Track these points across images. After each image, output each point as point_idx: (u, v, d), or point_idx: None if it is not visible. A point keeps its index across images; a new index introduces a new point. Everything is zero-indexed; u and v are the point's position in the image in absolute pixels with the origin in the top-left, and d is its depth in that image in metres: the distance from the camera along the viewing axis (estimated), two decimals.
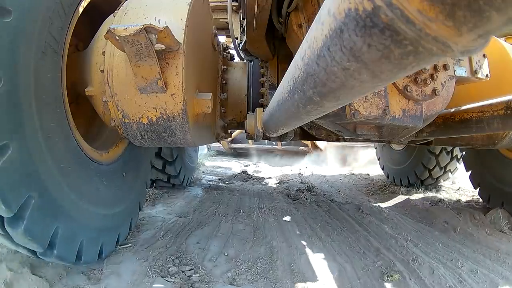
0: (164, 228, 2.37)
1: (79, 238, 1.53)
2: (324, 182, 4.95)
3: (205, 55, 1.98)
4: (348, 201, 3.62)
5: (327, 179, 5.29)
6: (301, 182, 4.66)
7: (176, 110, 1.51)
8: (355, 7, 0.33)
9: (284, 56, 2.53)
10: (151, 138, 1.66)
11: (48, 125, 1.32)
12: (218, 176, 5.20)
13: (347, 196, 3.95)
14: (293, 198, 3.62)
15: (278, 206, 3.22)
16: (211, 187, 4.16)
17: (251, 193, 3.90)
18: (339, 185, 4.76)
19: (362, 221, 2.78)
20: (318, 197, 3.70)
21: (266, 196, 3.75)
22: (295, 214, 2.97)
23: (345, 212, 3.06)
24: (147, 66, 1.37)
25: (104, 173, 1.77)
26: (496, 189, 2.85)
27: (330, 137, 2.41)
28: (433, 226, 2.69)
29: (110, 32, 1.19)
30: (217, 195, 3.67)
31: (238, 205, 3.22)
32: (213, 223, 2.59)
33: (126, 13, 1.57)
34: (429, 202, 3.42)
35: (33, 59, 1.23)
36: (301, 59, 0.55)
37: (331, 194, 3.93)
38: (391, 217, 2.86)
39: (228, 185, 4.44)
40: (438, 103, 1.70)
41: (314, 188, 4.11)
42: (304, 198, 3.53)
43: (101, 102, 1.63)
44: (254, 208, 3.09)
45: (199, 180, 4.66)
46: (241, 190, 4.03)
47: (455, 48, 0.31)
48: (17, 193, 1.18)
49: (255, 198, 3.57)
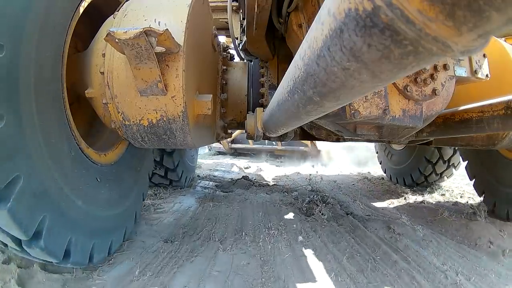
0: (143, 261, 1.84)
1: (91, 242, 1.59)
2: (336, 189, 4.28)
3: (205, 56, 1.98)
4: (370, 214, 3.03)
5: (339, 185, 4.59)
6: (312, 190, 3.97)
7: (177, 112, 1.51)
8: (355, 7, 0.33)
9: (284, 56, 2.53)
10: (151, 140, 1.66)
11: (52, 138, 1.34)
12: (216, 182, 4.51)
13: (368, 207, 3.34)
14: (306, 212, 2.98)
15: (290, 225, 2.60)
16: (206, 197, 3.50)
17: (254, 205, 3.27)
18: (354, 192, 4.12)
19: (397, 245, 2.23)
20: (335, 210, 3.07)
21: (272, 209, 3.08)
22: (312, 238, 2.37)
23: (373, 232, 2.46)
24: (147, 69, 1.37)
25: (104, 174, 1.77)
26: (501, 194, 2.81)
27: (330, 137, 2.41)
28: (478, 248, 2.27)
29: (110, 35, 1.19)
30: (214, 208, 3.04)
31: (239, 224, 2.62)
32: (207, 253, 2.02)
33: (126, 15, 1.57)
34: (462, 214, 2.89)
35: (33, 63, 1.23)
36: (301, 59, 0.55)
37: (348, 205, 3.35)
38: (428, 238, 2.37)
39: (226, 193, 3.78)
40: (438, 103, 1.70)
41: (327, 198, 3.41)
42: (320, 213, 2.88)
43: (101, 104, 1.63)
44: (260, 228, 2.51)
45: (192, 188, 3.99)
46: (242, 201, 3.38)
47: (455, 48, 0.31)
48: (32, 216, 1.22)
49: (260, 212, 2.93)
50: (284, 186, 4.30)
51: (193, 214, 2.84)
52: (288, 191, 3.93)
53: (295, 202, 3.33)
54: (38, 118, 1.25)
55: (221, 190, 3.95)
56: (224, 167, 6.34)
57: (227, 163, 7.04)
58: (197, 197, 3.50)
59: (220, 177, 4.99)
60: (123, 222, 1.96)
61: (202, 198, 3.43)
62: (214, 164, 6.76)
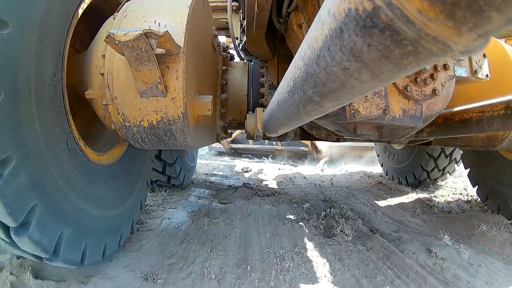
0: None
1: (83, 241, 1.55)
2: (350, 197, 3.74)
3: (205, 56, 1.98)
4: (398, 230, 2.59)
5: (352, 191, 4.04)
6: (325, 200, 3.44)
7: (177, 114, 1.51)
8: (355, 7, 0.33)
9: (284, 56, 2.53)
10: (151, 141, 1.66)
11: (49, 129, 1.33)
12: (212, 190, 3.90)
13: (392, 220, 2.85)
14: (325, 232, 2.43)
15: (307, 252, 2.09)
16: (201, 210, 2.90)
17: (259, 222, 2.65)
18: (371, 200, 3.61)
19: (445, 275, 1.83)
20: (357, 226, 2.57)
21: (282, 229, 2.48)
22: (339, 271, 1.87)
23: (412, 258, 2.01)
24: (147, 70, 1.37)
25: (104, 175, 1.77)
26: (494, 190, 2.84)
27: (330, 137, 2.41)
28: None
29: (110, 37, 1.19)
30: (209, 226, 2.48)
31: (241, 251, 2.08)
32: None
33: (126, 16, 1.56)
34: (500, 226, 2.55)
35: (33, 65, 1.23)
36: (301, 59, 0.55)
37: (371, 218, 2.84)
38: (475, 262, 2.01)
39: (225, 205, 3.16)
40: (438, 103, 1.70)
41: (345, 210, 2.86)
42: (342, 232, 2.36)
43: (101, 105, 1.63)
44: (269, 258, 1.98)
45: (185, 198, 3.39)
46: (244, 217, 2.76)
47: (455, 48, 0.31)
48: (22, 203, 1.19)
49: (267, 233, 2.36)
50: (292, 195, 3.68)
51: (184, 236, 2.29)
52: (297, 202, 3.32)
53: (309, 218, 2.72)
54: (37, 112, 1.25)
55: (218, 201, 3.35)
56: (222, 171, 5.70)
57: (225, 165, 6.37)
58: (190, 210, 2.92)
59: (217, 184, 4.35)
60: (118, 226, 1.93)
61: (195, 212, 2.84)
62: (211, 167, 6.00)
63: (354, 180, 5.01)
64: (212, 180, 4.66)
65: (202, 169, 5.61)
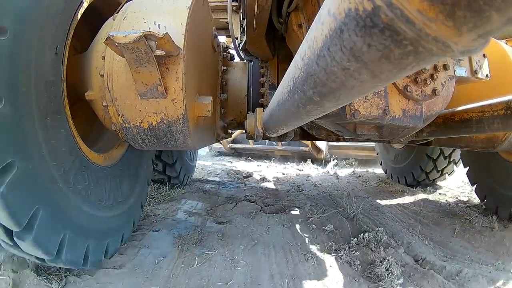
0: None
1: (86, 242, 1.57)
2: (374, 210, 3.12)
3: (205, 57, 1.98)
4: (447, 258, 2.14)
5: (373, 201, 3.47)
6: (350, 218, 2.76)
7: (177, 115, 1.51)
8: (355, 7, 0.33)
9: (284, 56, 2.53)
10: (151, 142, 1.66)
11: (50, 132, 1.34)
12: (207, 202, 3.20)
13: (435, 243, 2.36)
14: (365, 271, 1.86)
15: None
16: (190, 235, 2.24)
17: (270, 254, 2.02)
18: (398, 213, 3.04)
19: None
20: (400, 256, 2.03)
21: (305, 267, 1.86)
22: None
23: None
24: (147, 72, 1.37)
25: (105, 175, 1.77)
26: (493, 190, 2.84)
27: (330, 137, 2.41)
28: None
29: (110, 39, 1.19)
30: (201, 264, 1.84)
31: None
32: None
33: (126, 17, 1.56)
34: None
35: (33, 70, 1.23)
36: (301, 59, 0.55)
37: (410, 243, 2.28)
38: None
39: (222, 226, 2.48)
40: (438, 103, 1.70)
41: (379, 232, 2.29)
42: (387, 271, 1.79)
43: (101, 107, 1.63)
44: None
45: (172, 214, 2.70)
46: (249, 246, 2.12)
47: (455, 48, 0.31)
48: (25, 207, 1.20)
49: (284, 276, 1.74)
50: (307, 211, 2.93)
51: (164, 282, 1.65)
52: (316, 221, 2.63)
53: (337, 247, 2.11)
54: (38, 117, 1.25)
55: (214, 220, 2.63)
56: (219, 176, 4.98)
57: (222, 169, 5.61)
58: (177, 234, 2.25)
59: (213, 194, 3.62)
60: (120, 226, 1.94)
61: (183, 238, 2.17)
62: (206, 172, 5.20)
63: (371, 187, 4.36)
64: (207, 188, 3.89)
65: (196, 174, 4.67)
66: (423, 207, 3.27)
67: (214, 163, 6.51)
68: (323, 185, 4.47)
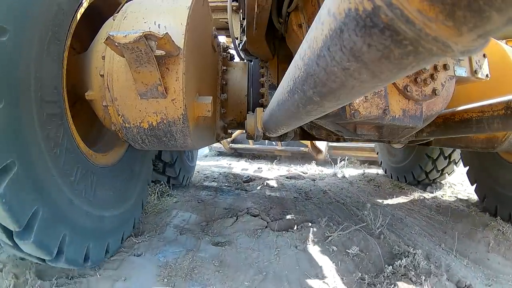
0: None
1: (86, 242, 1.57)
2: (398, 223, 2.75)
3: (205, 57, 1.98)
4: (491, 281, 1.90)
5: (394, 212, 3.05)
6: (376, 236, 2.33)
7: (177, 115, 1.51)
8: (355, 7, 0.33)
9: (284, 56, 2.53)
10: (151, 142, 1.66)
11: (50, 132, 1.34)
12: (201, 215, 2.73)
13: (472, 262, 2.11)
14: None
15: None
16: (179, 263, 1.83)
17: None
18: (423, 226, 2.72)
19: None
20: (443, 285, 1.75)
21: None
22: None
23: None
24: (147, 72, 1.37)
25: (105, 175, 1.77)
26: (492, 190, 2.85)
27: (330, 137, 2.41)
28: None
29: (110, 39, 1.19)
30: None
31: None
32: None
33: (126, 17, 1.56)
34: None
35: (33, 70, 1.23)
36: (301, 59, 0.55)
37: (449, 265, 1.98)
38: None
39: (220, 250, 2.05)
40: (438, 103, 1.70)
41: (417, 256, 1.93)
42: None
43: (101, 107, 1.63)
44: None
45: (159, 231, 2.27)
46: (256, 282, 1.69)
47: (455, 48, 0.31)
48: (25, 207, 1.20)
49: None
50: (322, 226, 2.46)
51: None
52: (335, 240, 2.21)
53: (370, 280, 1.74)
54: (37, 117, 1.25)
55: (210, 239, 2.20)
56: (216, 180, 4.47)
57: (220, 173, 5.11)
58: (163, 261, 1.82)
59: (209, 204, 3.12)
60: (120, 226, 1.95)
61: (170, 267, 1.76)
62: (202, 176, 4.71)
63: (386, 193, 3.98)
64: (202, 196, 3.39)
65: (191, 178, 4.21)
66: (449, 216, 2.92)
67: (211, 165, 6.05)
68: (333, 190, 4.05)
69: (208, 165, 6.19)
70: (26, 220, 1.21)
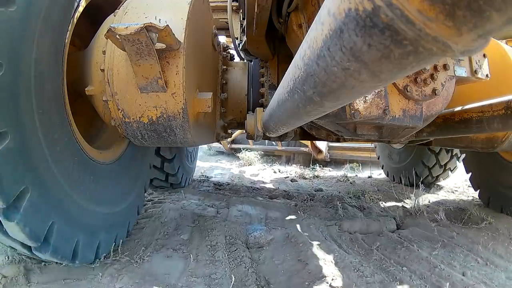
0: None
1: (76, 235, 1.48)
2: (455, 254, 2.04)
3: (206, 54, 1.98)
4: None
5: None
6: None
7: (177, 110, 1.51)
8: (355, 7, 0.33)
9: (284, 56, 2.53)
10: (151, 138, 1.66)
11: (48, 122, 1.32)
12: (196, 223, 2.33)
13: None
14: None
15: None
16: None
17: None
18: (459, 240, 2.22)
19: None
20: None
21: None
22: None
23: None
24: (147, 65, 1.37)
25: (103, 172, 1.77)
26: (496, 192, 2.85)
27: (330, 137, 2.41)
28: None
29: (111, 31, 1.19)
30: None
31: None
32: None
33: (127, 13, 1.57)
34: None
35: (34, 56, 1.23)
36: (301, 59, 0.55)
37: None
38: None
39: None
40: (438, 103, 1.70)
41: None
42: None
43: (101, 102, 1.63)
44: None
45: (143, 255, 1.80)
46: None
47: (455, 48, 0.31)
48: (13, 183, 1.15)
49: None
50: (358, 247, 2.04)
51: None
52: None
53: None
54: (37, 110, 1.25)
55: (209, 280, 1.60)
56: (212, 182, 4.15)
57: (214, 182, 4.38)
58: None
59: (208, 216, 2.56)
60: (114, 226, 1.88)
61: None
62: (197, 182, 4.20)
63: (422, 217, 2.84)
64: (196, 211, 2.65)
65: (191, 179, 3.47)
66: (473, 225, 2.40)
67: (209, 174, 4.99)
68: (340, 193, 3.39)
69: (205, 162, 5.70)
70: (43, 236, 1.21)
